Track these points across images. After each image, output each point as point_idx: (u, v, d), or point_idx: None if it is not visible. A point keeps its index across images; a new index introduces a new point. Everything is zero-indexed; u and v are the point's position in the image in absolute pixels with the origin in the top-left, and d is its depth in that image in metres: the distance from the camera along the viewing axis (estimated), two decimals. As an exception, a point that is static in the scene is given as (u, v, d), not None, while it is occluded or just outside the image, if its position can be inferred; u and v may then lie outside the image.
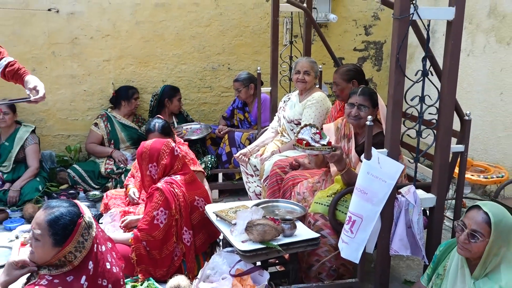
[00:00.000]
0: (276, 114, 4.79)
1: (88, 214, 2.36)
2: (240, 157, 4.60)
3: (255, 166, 4.53)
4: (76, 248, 2.25)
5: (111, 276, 2.36)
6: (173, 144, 3.71)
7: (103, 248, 2.39)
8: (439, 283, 2.74)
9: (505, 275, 2.46)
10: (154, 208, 3.46)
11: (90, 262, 2.30)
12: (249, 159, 4.57)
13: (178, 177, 3.61)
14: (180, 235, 3.56)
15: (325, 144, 3.24)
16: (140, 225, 3.50)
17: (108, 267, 2.36)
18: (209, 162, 5.15)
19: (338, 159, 3.26)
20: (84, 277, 2.26)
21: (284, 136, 4.64)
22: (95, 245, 2.32)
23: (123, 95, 5.51)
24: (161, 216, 3.46)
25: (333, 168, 3.50)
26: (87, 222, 2.31)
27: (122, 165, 5.24)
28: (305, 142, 3.25)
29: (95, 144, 5.46)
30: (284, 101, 4.73)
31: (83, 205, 2.39)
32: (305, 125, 3.32)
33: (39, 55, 5.50)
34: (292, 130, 4.50)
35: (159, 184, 3.53)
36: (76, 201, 2.43)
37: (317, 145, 3.24)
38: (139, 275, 3.48)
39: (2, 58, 3.39)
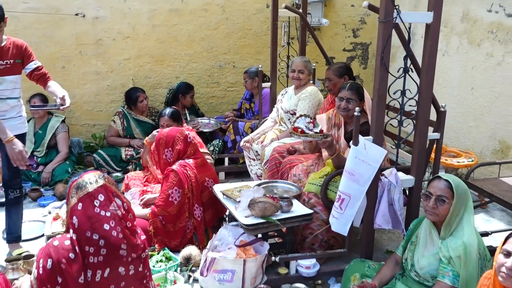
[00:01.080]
0: (275, 105, 4.78)
1: (87, 179, 2.32)
2: (244, 144, 4.61)
3: (256, 151, 4.54)
4: (68, 202, 2.33)
5: (105, 234, 2.26)
6: (187, 132, 3.71)
7: (107, 213, 2.31)
8: (413, 249, 2.77)
9: (466, 231, 2.55)
10: (169, 187, 3.47)
11: (74, 217, 2.26)
12: (251, 145, 4.58)
13: (190, 161, 3.62)
14: (192, 211, 3.57)
15: (318, 132, 3.25)
16: (157, 201, 3.52)
17: (106, 228, 2.27)
18: (216, 146, 5.16)
19: (329, 145, 3.27)
20: (71, 230, 2.26)
21: (282, 125, 4.63)
22: (80, 204, 2.27)
23: (129, 101, 5.43)
24: (175, 194, 3.48)
25: (325, 153, 3.50)
26: (78, 183, 2.30)
27: (141, 150, 5.25)
28: (300, 130, 3.25)
29: (114, 136, 5.45)
30: (282, 94, 4.71)
31: (93, 173, 2.38)
32: (300, 115, 3.32)
33: (67, 54, 5.48)
34: (289, 119, 4.49)
35: (174, 167, 3.54)
36: (94, 170, 2.46)
37: (310, 132, 3.24)
38: (156, 246, 3.50)
39: (32, 61, 3.37)
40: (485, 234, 3.58)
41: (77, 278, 2.21)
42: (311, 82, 4.68)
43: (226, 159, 5.19)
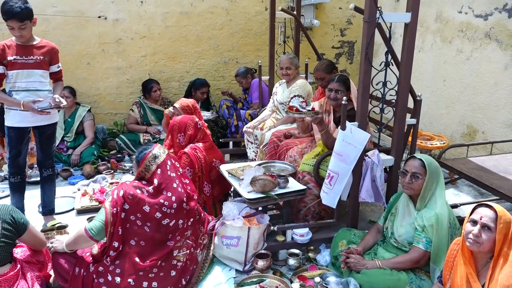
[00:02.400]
0: (271, 97, 4.75)
1: (158, 150, 2.68)
2: (246, 129, 4.59)
3: (256, 136, 4.52)
4: (145, 168, 2.63)
5: (174, 191, 2.62)
6: (197, 119, 3.69)
7: (173, 174, 2.68)
8: (393, 219, 2.78)
9: (439, 203, 2.57)
10: (183, 167, 3.46)
11: (155, 179, 2.60)
12: (253, 130, 4.56)
13: (200, 144, 3.60)
14: (202, 188, 3.57)
15: (310, 110, 3.23)
16: None
17: (174, 186, 2.64)
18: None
19: (320, 121, 3.26)
20: (151, 187, 2.58)
21: (278, 114, 4.60)
22: (158, 169, 2.62)
23: (145, 90, 5.39)
24: (187, 173, 3.47)
25: (317, 136, 3.49)
26: (153, 154, 2.65)
27: (157, 136, 5.23)
28: (295, 108, 3.23)
29: (133, 124, 5.41)
30: (276, 87, 4.66)
31: (158, 146, 2.73)
32: (294, 96, 3.30)
33: (92, 52, 5.41)
34: (284, 109, 4.46)
35: (186, 149, 3.52)
36: (156, 143, 2.79)
37: (304, 110, 3.22)
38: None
39: (56, 64, 3.35)
40: (455, 206, 3.59)
41: (139, 210, 2.51)
42: (301, 75, 4.64)
43: (231, 143, 5.17)
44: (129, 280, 2.47)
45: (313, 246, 3.19)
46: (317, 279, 2.82)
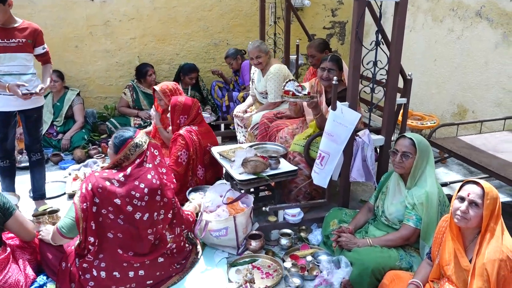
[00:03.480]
0: (251, 83, 4.67)
1: (141, 139, 2.52)
2: (236, 113, 4.55)
3: (244, 119, 4.50)
4: (124, 156, 2.48)
5: (147, 182, 2.46)
6: (199, 104, 3.70)
7: (149, 165, 2.52)
8: (384, 198, 2.81)
9: (429, 181, 2.59)
10: (178, 149, 3.47)
11: (129, 168, 2.46)
12: (243, 114, 4.53)
13: (195, 128, 3.59)
14: (195, 171, 3.57)
15: (306, 94, 3.20)
16: (169, 163, 3.51)
17: (149, 177, 2.48)
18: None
19: (315, 105, 3.24)
20: (122, 174, 2.45)
21: (257, 102, 4.57)
22: (137, 159, 2.49)
23: (139, 74, 5.32)
24: (183, 156, 3.47)
25: (309, 117, 3.48)
26: (135, 143, 2.49)
27: (148, 121, 5.19)
28: (291, 92, 3.19)
29: (125, 107, 5.36)
30: (253, 73, 4.57)
31: (142, 133, 2.58)
32: (289, 80, 3.26)
33: (80, 35, 5.32)
34: (264, 97, 4.41)
35: (181, 132, 3.51)
36: (138, 129, 2.63)
37: (300, 94, 3.19)
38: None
39: (41, 46, 3.29)
40: (445, 184, 3.63)
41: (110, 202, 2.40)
42: (292, 56, 4.60)
43: (222, 125, 5.16)
44: (115, 273, 2.44)
45: (305, 226, 3.22)
46: (309, 258, 2.86)
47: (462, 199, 2.05)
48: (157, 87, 4.00)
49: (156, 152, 2.60)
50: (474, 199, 2.00)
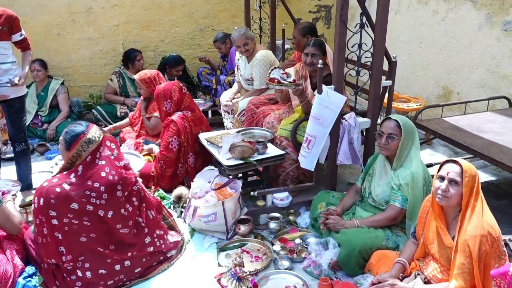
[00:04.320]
0: (235, 69, 4.64)
1: (94, 134, 2.39)
2: (226, 103, 4.52)
3: (233, 108, 4.50)
4: (77, 153, 2.35)
5: (101, 180, 2.36)
6: (181, 84, 3.67)
7: (103, 162, 2.41)
8: (370, 180, 2.85)
9: (414, 162, 2.63)
10: (170, 135, 3.47)
11: (80, 166, 2.35)
12: (231, 101, 4.51)
13: (188, 113, 3.58)
14: (186, 158, 3.58)
15: (291, 81, 3.21)
16: (160, 148, 3.53)
17: (103, 174, 2.38)
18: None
19: (301, 92, 3.25)
20: (72, 174, 2.35)
21: (243, 89, 4.56)
22: (89, 156, 2.37)
23: (128, 59, 5.28)
24: (174, 143, 3.48)
25: (295, 102, 3.49)
26: (88, 138, 2.37)
27: (134, 108, 5.16)
28: (276, 80, 3.19)
29: (111, 94, 5.31)
30: (238, 59, 4.53)
31: (95, 128, 2.44)
32: (274, 68, 3.26)
33: (61, 22, 5.23)
34: (249, 84, 4.40)
35: (174, 117, 3.50)
36: (91, 124, 2.50)
37: (285, 82, 3.20)
38: (152, 187, 3.51)
39: (18, 33, 3.24)
40: (430, 165, 3.68)
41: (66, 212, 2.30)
42: (278, 41, 4.59)
43: (210, 112, 5.14)
44: (100, 271, 2.42)
45: (293, 210, 3.26)
46: (298, 241, 2.90)
47: (442, 178, 2.09)
48: (136, 76, 3.99)
49: (113, 145, 2.50)
50: (453, 177, 2.05)
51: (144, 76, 3.97)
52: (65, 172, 2.38)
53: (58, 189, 2.29)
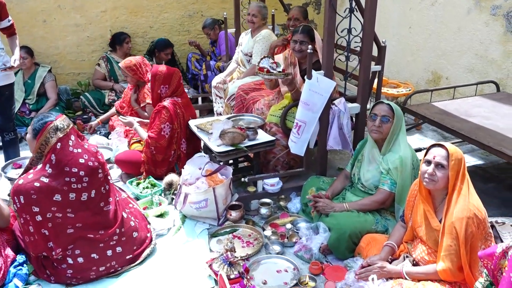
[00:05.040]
0: (237, 48, 4.66)
1: (62, 122, 2.38)
2: (217, 85, 4.51)
3: (224, 90, 4.48)
4: (45, 141, 2.33)
5: (81, 166, 2.37)
6: (181, 74, 3.64)
7: (79, 150, 2.40)
8: (360, 165, 2.87)
9: (402, 147, 2.66)
10: (162, 122, 3.44)
11: (52, 155, 2.32)
12: (223, 85, 4.49)
13: (179, 100, 3.56)
14: (179, 144, 3.57)
15: (280, 71, 3.22)
16: (150, 134, 3.47)
17: (81, 161, 2.38)
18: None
19: (290, 81, 3.26)
20: (47, 165, 2.33)
21: (241, 66, 4.54)
22: (58, 143, 2.33)
23: (116, 41, 5.24)
24: (166, 129, 3.46)
25: (283, 89, 3.49)
26: (56, 125, 2.35)
27: (122, 95, 5.11)
28: (266, 69, 3.21)
29: (100, 79, 5.27)
30: (242, 37, 4.58)
31: (63, 117, 2.43)
32: (264, 57, 3.28)
33: (47, 8, 5.14)
34: (248, 61, 4.40)
35: (165, 103, 3.47)
36: (60, 114, 2.50)
37: (274, 71, 3.21)
38: (143, 174, 3.50)
39: (6, 19, 3.19)
40: (419, 150, 3.71)
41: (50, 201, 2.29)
42: (269, 26, 4.57)
43: (200, 99, 5.12)
44: (93, 255, 2.43)
45: (284, 195, 3.28)
46: (288, 226, 2.93)
47: (428, 162, 2.12)
48: (121, 64, 3.94)
49: (80, 139, 2.51)
50: (439, 161, 2.08)
51: (130, 63, 3.93)
52: (38, 167, 2.35)
53: (37, 184, 2.27)
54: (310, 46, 2.97)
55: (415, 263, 2.25)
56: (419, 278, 2.15)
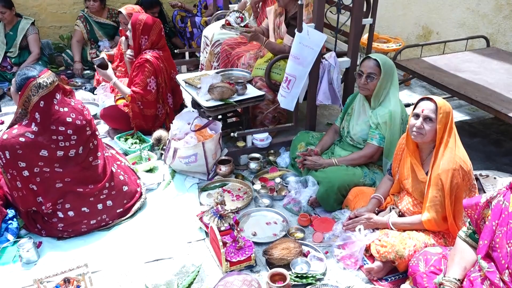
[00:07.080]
0: None
1: (46, 80, 2.29)
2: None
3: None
4: (27, 98, 2.27)
5: (69, 125, 2.34)
6: (162, 25, 3.50)
7: (65, 109, 2.36)
8: (349, 119, 2.88)
9: (392, 102, 2.66)
10: (147, 76, 3.35)
11: (36, 113, 2.27)
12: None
13: (161, 53, 3.46)
14: (165, 99, 3.52)
15: (243, 26, 3.22)
16: (134, 89, 3.39)
17: (69, 120, 2.35)
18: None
19: (254, 37, 3.28)
20: (33, 124, 2.28)
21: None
22: (41, 102, 2.28)
23: None
24: (152, 83, 3.39)
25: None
26: (38, 83, 2.27)
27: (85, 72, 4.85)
28: (228, 22, 3.27)
29: (79, 41, 4.90)
30: None
31: (48, 73, 2.34)
32: (233, 11, 3.24)
33: (24, -44, 4.88)
34: None
35: (148, 56, 3.37)
36: (46, 68, 2.40)
37: (236, 26, 3.25)
38: (134, 129, 3.47)
39: None
40: (408, 105, 3.73)
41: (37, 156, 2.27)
42: None
43: (187, 54, 5.01)
44: (83, 209, 2.44)
45: (273, 150, 3.30)
46: (278, 180, 2.97)
47: (417, 116, 2.14)
48: (122, 9, 3.79)
49: (67, 97, 2.46)
50: (428, 114, 2.09)
51: (132, 10, 3.76)
52: (23, 123, 2.30)
53: (22, 139, 2.24)
54: (300, -3, 2.88)
55: (401, 214, 2.32)
56: (404, 228, 2.22)
